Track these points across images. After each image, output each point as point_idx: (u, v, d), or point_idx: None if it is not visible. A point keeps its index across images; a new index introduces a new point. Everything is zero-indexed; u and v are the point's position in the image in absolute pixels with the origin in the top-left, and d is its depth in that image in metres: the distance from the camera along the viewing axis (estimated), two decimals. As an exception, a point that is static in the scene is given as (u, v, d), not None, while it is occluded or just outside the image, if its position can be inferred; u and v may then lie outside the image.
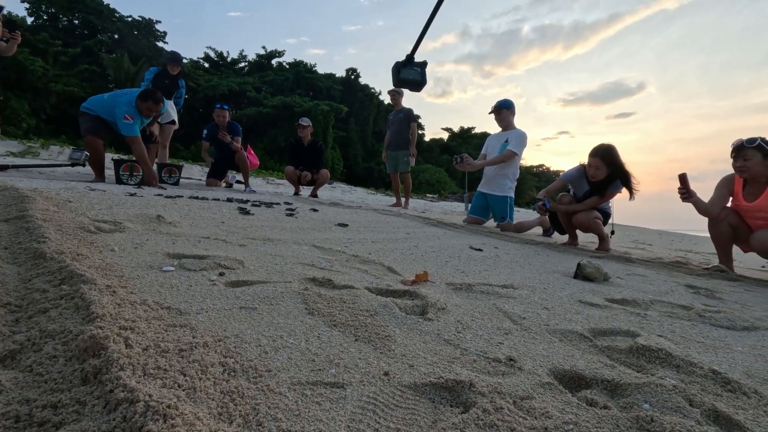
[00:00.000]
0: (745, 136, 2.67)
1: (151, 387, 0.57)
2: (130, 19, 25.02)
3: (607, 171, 3.26)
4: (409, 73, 2.29)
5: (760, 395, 0.82)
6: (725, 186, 2.85)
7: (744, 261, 4.03)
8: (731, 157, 2.70)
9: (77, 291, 0.90)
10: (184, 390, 0.59)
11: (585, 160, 3.45)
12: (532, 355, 0.92)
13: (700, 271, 2.71)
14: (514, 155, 4.48)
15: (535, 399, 0.71)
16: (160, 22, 26.32)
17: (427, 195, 19.66)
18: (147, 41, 25.18)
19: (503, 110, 4.61)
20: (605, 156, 3.23)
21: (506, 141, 4.55)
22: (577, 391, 0.79)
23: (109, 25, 23.93)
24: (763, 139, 2.57)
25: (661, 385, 0.77)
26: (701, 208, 2.87)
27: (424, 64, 2.35)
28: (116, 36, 24.35)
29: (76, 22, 23.52)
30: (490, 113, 4.71)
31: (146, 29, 25.76)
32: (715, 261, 3.16)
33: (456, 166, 4.57)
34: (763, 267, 3.90)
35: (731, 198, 2.84)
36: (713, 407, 0.73)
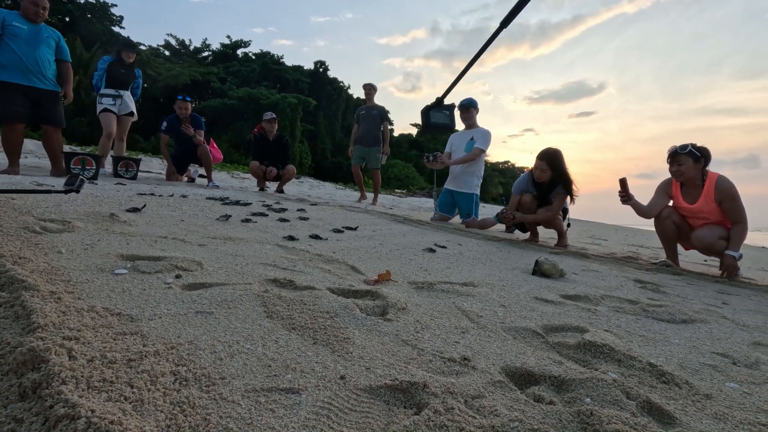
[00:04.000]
0: (679, 142, 2.89)
1: (95, 401, 0.55)
2: (83, 1, 23.56)
3: (551, 174, 3.42)
4: (439, 117, 2.27)
5: (691, 385, 0.89)
6: (663, 190, 3.07)
7: (689, 256, 4.31)
8: (667, 162, 2.91)
9: (17, 298, 0.86)
10: (130, 403, 0.57)
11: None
12: (486, 353, 0.95)
13: (648, 266, 2.88)
14: (482, 152, 4.60)
15: (486, 398, 0.74)
16: (116, 5, 24.89)
17: (396, 190, 19.75)
18: (102, 26, 23.79)
19: (471, 109, 4.71)
20: (551, 160, 3.39)
21: (471, 139, 4.64)
22: (526, 387, 0.83)
23: (59, 7, 22.43)
24: (693, 146, 2.80)
25: (602, 380, 0.82)
26: (640, 210, 3.08)
27: (452, 107, 2.31)
28: (67, 19, 22.87)
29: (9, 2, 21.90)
30: (456, 110, 4.80)
31: (101, 13, 24.32)
32: (663, 255, 3.36)
33: (427, 164, 4.62)
34: (705, 261, 4.18)
35: (672, 200, 3.06)
36: (647, 399, 0.78)
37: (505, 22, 2.02)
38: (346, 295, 1.28)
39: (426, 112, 2.28)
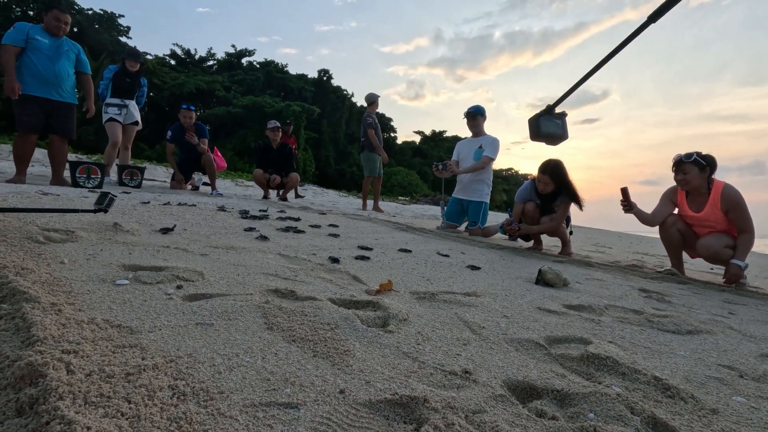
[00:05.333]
0: (682, 149, 2.87)
1: (91, 417, 0.55)
2: (90, 11, 23.94)
3: (554, 186, 3.42)
4: (550, 126, 2.11)
5: (696, 400, 0.87)
6: (668, 198, 3.05)
7: (695, 264, 4.27)
8: (672, 171, 2.89)
9: (18, 310, 0.86)
10: (127, 419, 0.57)
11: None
12: (487, 366, 0.94)
13: (653, 275, 2.85)
14: (491, 161, 4.60)
15: (487, 413, 0.73)
16: (123, 16, 25.32)
17: (399, 198, 19.76)
18: (109, 36, 24.16)
19: (479, 116, 4.71)
20: (554, 173, 3.38)
21: (480, 147, 4.63)
22: (528, 402, 0.82)
23: (67, 17, 22.79)
24: (698, 154, 2.77)
25: (606, 394, 0.81)
26: (643, 218, 3.06)
27: (564, 116, 2.16)
28: (75, 29, 23.24)
29: (31, 12, 22.27)
30: (464, 117, 4.79)
31: (108, 23, 24.71)
32: (668, 263, 3.33)
33: (436, 172, 4.61)
34: (712, 269, 4.14)
35: (677, 208, 3.04)
36: (652, 414, 0.77)
37: (654, 17, 1.90)
38: (347, 305, 1.28)
39: (535, 120, 2.13)
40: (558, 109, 2.15)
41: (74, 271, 1.25)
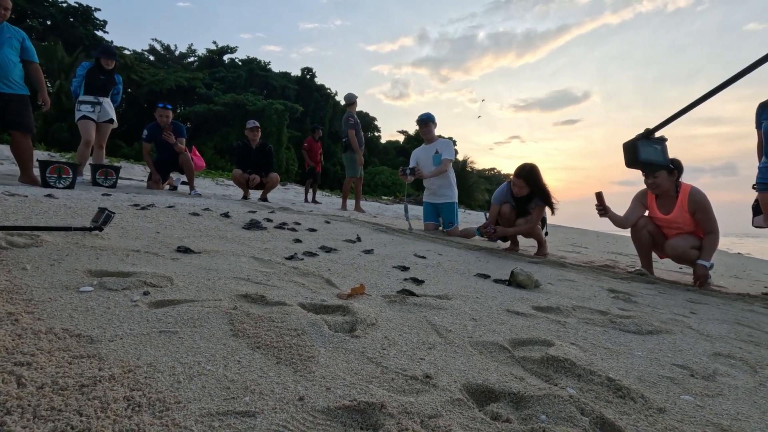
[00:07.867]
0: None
1: (39, 432, 0.54)
2: (65, 4, 23.22)
3: (528, 189, 3.52)
4: (650, 152, 1.91)
5: (646, 399, 0.91)
6: (639, 200, 3.16)
7: (665, 264, 4.41)
8: (643, 175, 3.00)
9: (-28, 321, 0.84)
10: (77, 432, 0.57)
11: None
12: (449, 370, 0.96)
13: (624, 275, 2.94)
14: (450, 162, 4.88)
15: (443, 417, 0.75)
16: (99, 9, 24.65)
17: (383, 197, 19.78)
18: (84, 29, 23.48)
19: (430, 123, 4.96)
20: (528, 177, 3.48)
21: (437, 152, 4.84)
22: (485, 405, 0.85)
23: (40, 10, 22.07)
24: None
25: (559, 396, 0.84)
26: (617, 221, 3.17)
27: (664, 140, 1.96)
28: (49, 22, 22.52)
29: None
30: (417, 124, 5.04)
31: (83, 16, 24.01)
32: (640, 263, 3.43)
33: (402, 177, 4.77)
34: (681, 268, 4.29)
35: (648, 211, 3.15)
36: (601, 415, 0.80)
37: None
38: (316, 311, 1.29)
39: (632, 145, 1.89)
40: (656, 133, 1.95)
41: (36, 278, 1.22)
